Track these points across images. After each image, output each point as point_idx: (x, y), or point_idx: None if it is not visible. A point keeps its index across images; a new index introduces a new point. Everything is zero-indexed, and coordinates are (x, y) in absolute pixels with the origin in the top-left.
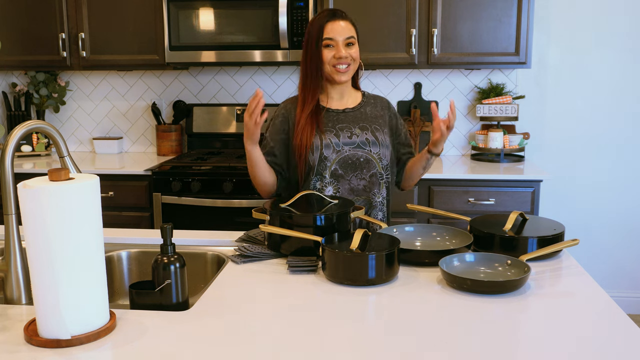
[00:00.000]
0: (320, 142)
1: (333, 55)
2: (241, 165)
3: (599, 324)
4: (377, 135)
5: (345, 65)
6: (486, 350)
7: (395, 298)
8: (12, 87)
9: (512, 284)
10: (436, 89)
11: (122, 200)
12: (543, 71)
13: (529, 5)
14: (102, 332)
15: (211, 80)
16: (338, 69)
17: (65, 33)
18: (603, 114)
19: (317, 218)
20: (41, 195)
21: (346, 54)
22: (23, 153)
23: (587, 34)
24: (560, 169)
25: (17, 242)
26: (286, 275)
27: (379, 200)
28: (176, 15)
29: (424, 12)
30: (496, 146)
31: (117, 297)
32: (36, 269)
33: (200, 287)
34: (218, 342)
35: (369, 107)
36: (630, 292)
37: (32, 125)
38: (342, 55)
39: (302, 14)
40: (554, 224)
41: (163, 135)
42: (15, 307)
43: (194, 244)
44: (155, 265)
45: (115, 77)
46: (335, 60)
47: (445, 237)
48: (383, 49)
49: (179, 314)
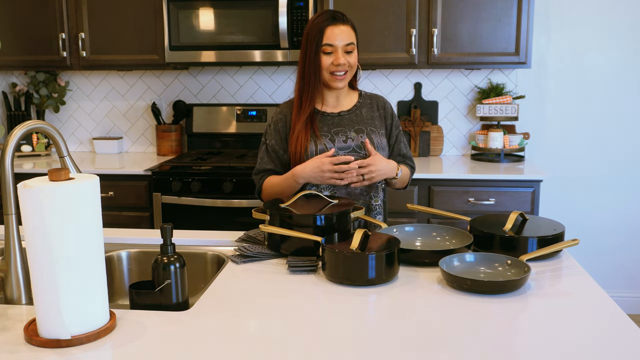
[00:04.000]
0: (316, 148)
1: (332, 61)
2: (241, 165)
3: (599, 324)
4: (373, 137)
5: (343, 73)
6: (486, 350)
7: (395, 298)
8: (12, 87)
9: (512, 284)
10: (436, 89)
11: (122, 200)
12: (543, 71)
13: (529, 5)
14: (102, 332)
15: (211, 80)
16: (336, 76)
17: (65, 33)
18: (603, 114)
19: (317, 218)
20: (41, 195)
21: (344, 61)
22: (23, 153)
23: (587, 34)
24: (560, 169)
25: (17, 242)
26: (286, 275)
27: (378, 203)
28: (176, 15)
29: (424, 12)
30: (496, 146)
31: (117, 297)
32: (36, 269)
33: (200, 287)
34: (218, 342)
35: (365, 108)
36: (630, 292)
37: (32, 125)
38: (341, 63)
39: (302, 14)
40: (554, 224)
41: (163, 135)
42: (15, 307)
43: (194, 244)
44: (155, 265)
45: (115, 77)
46: (333, 67)
47: (445, 237)
48: (383, 49)
49: (179, 314)
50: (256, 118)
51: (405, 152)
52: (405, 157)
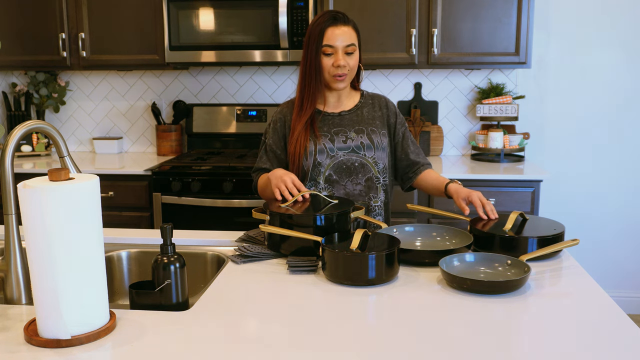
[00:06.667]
0: (315, 147)
1: (332, 63)
2: (241, 165)
3: (599, 324)
4: (373, 137)
5: (343, 74)
6: (486, 351)
7: (395, 298)
8: (12, 87)
9: (512, 284)
10: (436, 89)
11: (122, 200)
12: (543, 71)
13: (529, 5)
14: (102, 332)
15: (211, 80)
16: (336, 77)
17: (65, 33)
18: (603, 114)
19: (317, 218)
20: (41, 195)
21: (344, 62)
22: (23, 153)
23: (587, 34)
24: (560, 169)
25: (17, 242)
26: (286, 275)
27: (377, 204)
28: (176, 15)
29: (424, 12)
30: (496, 146)
31: (117, 297)
32: (36, 269)
33: (200, 287)
34: (218, 342)
35: (366, 108)
36: (630, 292)
37: (32, 125)
38: (340, 64)
39: (302, 14)
40: (554, 224)
41: (163, 135)
42: (15, 307)
43: (194, 244)
44: (155, 265)
45: (115, 77)
46: (334, 69)
47: (445, 237)
48: (383, 49)
49: (179, 314)
50: (256, 118)
51: (418, 159)
52: (423, 163)
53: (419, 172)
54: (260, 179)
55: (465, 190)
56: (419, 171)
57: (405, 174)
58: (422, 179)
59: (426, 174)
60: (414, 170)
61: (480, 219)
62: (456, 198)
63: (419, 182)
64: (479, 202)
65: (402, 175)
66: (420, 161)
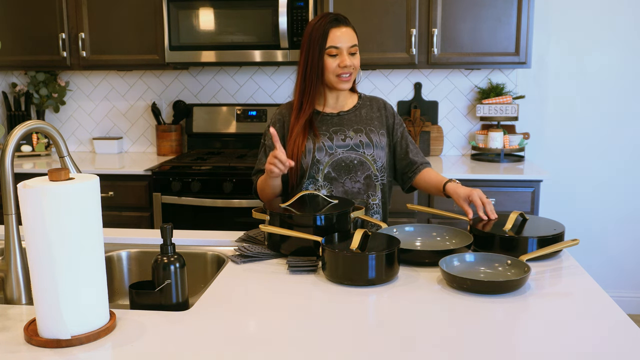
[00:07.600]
0: (313, 145)
1: (338, 64)
2: (241, 165)
3: (599, 324)
4: (372, 136)
5: (349, 74)
6: (486, 350)
7: (395, 298)
8: (12, 87)
9: (512, 284)
10: (436, 89)
11: (122, 200)
12: (543, 71)
13: (529, 5)
14: (102, 332)
15: (211, 80)
16: (342, 78)
17: (65, 33)
18: (603, 114)
19: (317, 218)
20: (41, 195)
21: (350, 62)
22: (23, 153)
23: (587, 34)
24: (560, 169)
25: (17, 242)
26: (286, 275)
27: (375, 202)
28: (176, 15)
29: (424, 12)
30: (496, 146)
31: (117, 297)
32: (36, 269)
33: (200, 287)
34: (218, 342)
35: (364, 109)
36: (630, 292)
37: (32, 125)
38: (347, 64)
39: (302, 14)
40: (554, 224)
41: (163, 135)
42: (15, 307)
43: (194, 244)
44: (155, 265)
45: (115, 77)
46: (339, 69)
47: (445, 237)
48: (383, 49)
49: (179, 314)
50: (256, 118)
51: (417, 159)
52: (421, 162)
53: (418, 171)
54: (259, 181)
55: (465, 189)
56: (418, 170)
57: (405, 174)
58: (421, 178)
59: (425, 173)
60: (413, 169)
61: (480, 219)
62: (457, 199)
63: (418, 182)
64: (480, 202)
65: (401, 175)
66: (419, 160)
